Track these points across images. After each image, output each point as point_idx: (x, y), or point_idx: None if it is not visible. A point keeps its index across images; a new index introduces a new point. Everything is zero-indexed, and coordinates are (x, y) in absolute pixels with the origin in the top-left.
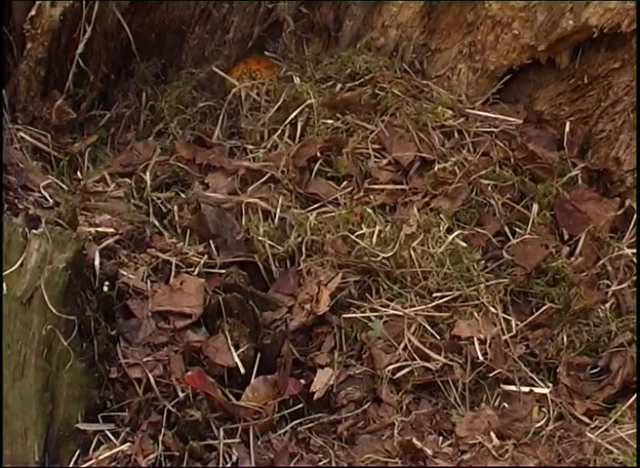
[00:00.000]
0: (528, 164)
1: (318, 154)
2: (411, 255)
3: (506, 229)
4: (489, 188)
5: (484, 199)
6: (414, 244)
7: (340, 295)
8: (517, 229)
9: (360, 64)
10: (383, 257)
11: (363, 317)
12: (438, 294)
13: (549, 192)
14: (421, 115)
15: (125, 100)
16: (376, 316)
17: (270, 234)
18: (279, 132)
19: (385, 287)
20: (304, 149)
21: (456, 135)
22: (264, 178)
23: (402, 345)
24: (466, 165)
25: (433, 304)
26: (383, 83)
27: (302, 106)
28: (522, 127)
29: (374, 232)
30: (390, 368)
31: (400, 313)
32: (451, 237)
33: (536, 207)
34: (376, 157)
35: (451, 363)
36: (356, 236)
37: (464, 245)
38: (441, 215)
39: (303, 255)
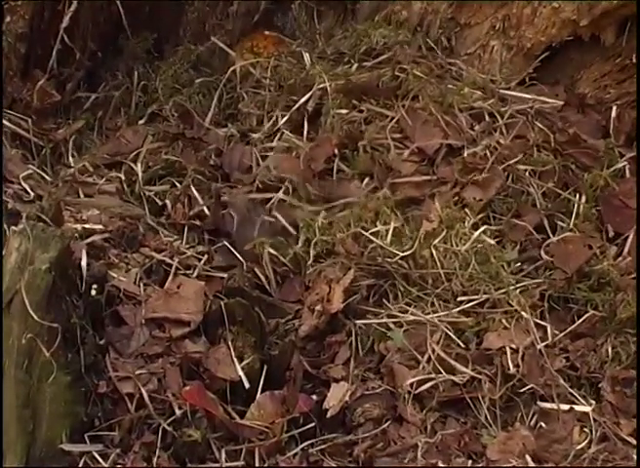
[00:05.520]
0: (570, 148)
1: (336, 151)
2: (432, 255)
3: (546, 222)
4: (526, 174)
5: (521, 187)
6: (435, 242)
7: (353, 299)
8: (559, 222)
9: (377, 39)
10: (401, 257)
11: (380, 324)
12: (464, 298)
13: (596, 183)
14: (447, 97)
15: (114, 80)
16: (395, 323)
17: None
18: (285, 119)
19: (403, 290)
20: (318, 150)
21: (486, 117)
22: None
23: (425, 357)
24: (499, 149)
25: (458, 309)
26: (404, 63)
27: (312, 91)
28: (562, 111)
29: (389, 229)
30: (413, 381)
31: (421, 319)
32: (477, 233)
33: (581, 198)
34: (397, 148)
35: (479, 376)
36: (370, 234)
37: (492, 242)
38: (466, 209)
39: (311, 260)
